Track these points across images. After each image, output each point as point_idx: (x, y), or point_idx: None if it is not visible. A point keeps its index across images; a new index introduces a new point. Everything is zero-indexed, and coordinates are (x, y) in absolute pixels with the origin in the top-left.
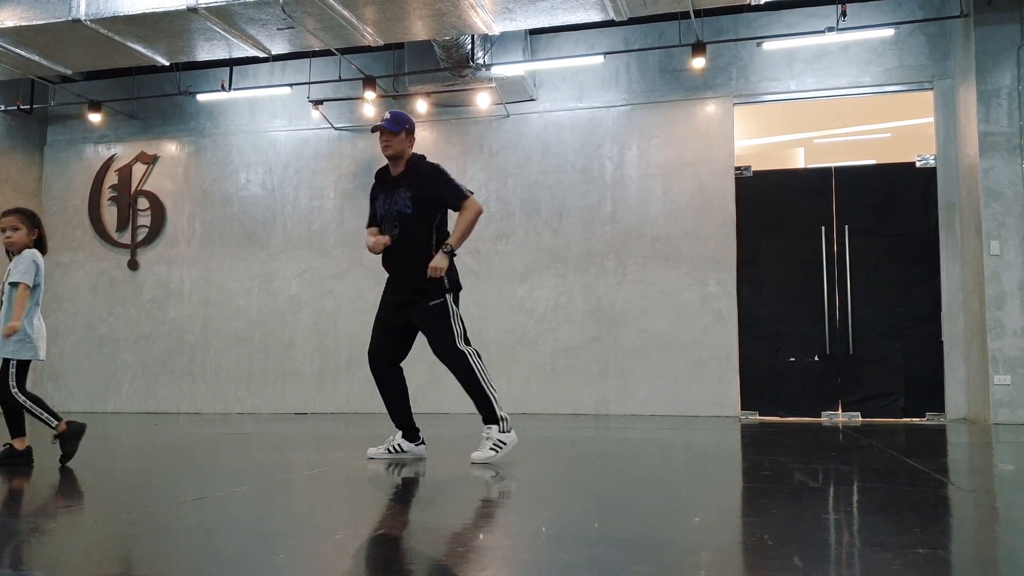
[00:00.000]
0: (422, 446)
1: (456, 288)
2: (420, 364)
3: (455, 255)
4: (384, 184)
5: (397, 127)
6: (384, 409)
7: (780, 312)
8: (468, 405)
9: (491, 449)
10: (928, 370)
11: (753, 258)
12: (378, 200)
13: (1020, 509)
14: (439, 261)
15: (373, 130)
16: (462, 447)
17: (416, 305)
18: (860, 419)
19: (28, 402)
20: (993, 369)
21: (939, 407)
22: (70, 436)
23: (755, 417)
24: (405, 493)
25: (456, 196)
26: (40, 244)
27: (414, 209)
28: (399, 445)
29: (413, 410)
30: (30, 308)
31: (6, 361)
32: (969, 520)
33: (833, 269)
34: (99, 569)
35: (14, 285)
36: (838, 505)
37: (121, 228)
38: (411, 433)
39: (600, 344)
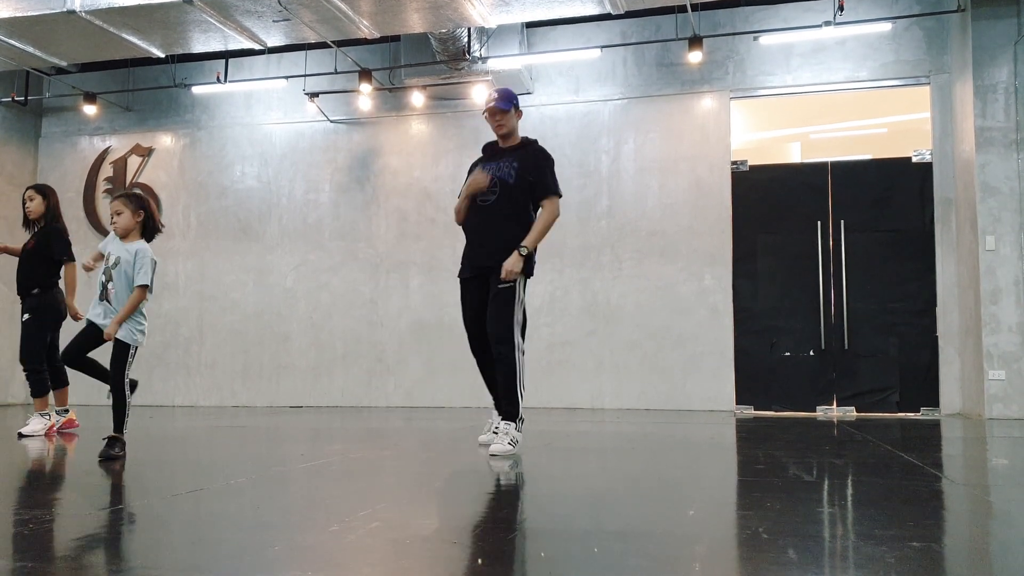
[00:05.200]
0: None
1: (529, 274)
2: (416, 358)
3: (533, 258)
4: (489, 156)
5: (508, 104)
6: (378, 404)
7: (776, 307)
8: (463, 400)
9: (509, 444)
10: (923, 365)
11: (749, 253)
12: (476, 168)
13: (1013, 503)
14: (514, 263)
15: (485, 112)
16: (458, 440)
17: (489, 282)
18: (855, 414)
19: (131, 393)
20: (988, 364)
21: (934, 402)
22: (121, 446)
23: (750, 411)
24: (400, 486)
25: (549, 186)
26: (147, 226)
27: (516, 179)
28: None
29: (409, 404)
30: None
31: (126, 346)
32: (963, 514)
33: (829, 264)
34: (93, 561)
35: (139, 283)
36: (833, 499)
37: None
38: None
39: (596, 338)
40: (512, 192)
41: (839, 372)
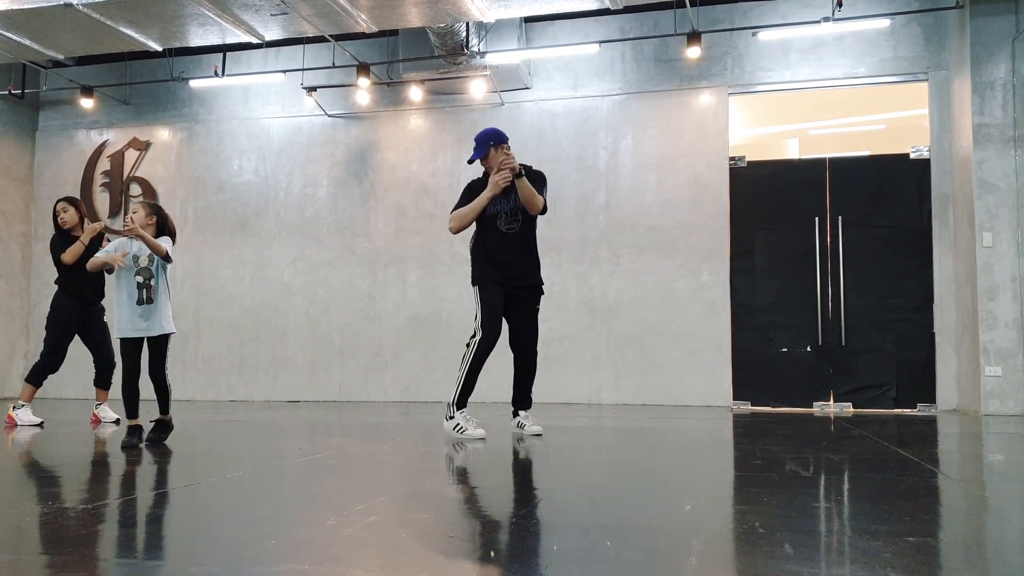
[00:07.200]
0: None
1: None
2: (414, 353)
3: (520, 175)
4: (502, 192)
5: (484, 150)
6: (375, 399)
7: (773, 303)
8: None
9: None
10: (920, 361)
11: (747, 249)
12: (475, 190)
13: (1008, 499)
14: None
15: (470, 162)
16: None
17: (526, 302)
18: (852, 409)
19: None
20: (984, 360)
21: (930, 398)
22: (166, 428)
23: (747, 407)
24: (395, 481)
25: (542, 191)
26: (162, 232)
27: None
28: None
29: (406, 399)
30: (168, 287)
31: (167, 338)
32: (959, 509)
33: (826, 260)
34: (89, 554)
35: (165, 260)
36: (829, 494)
37: (113, 214)
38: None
39: (593, 334)
40: (530, 220)
41: (836, 368)
